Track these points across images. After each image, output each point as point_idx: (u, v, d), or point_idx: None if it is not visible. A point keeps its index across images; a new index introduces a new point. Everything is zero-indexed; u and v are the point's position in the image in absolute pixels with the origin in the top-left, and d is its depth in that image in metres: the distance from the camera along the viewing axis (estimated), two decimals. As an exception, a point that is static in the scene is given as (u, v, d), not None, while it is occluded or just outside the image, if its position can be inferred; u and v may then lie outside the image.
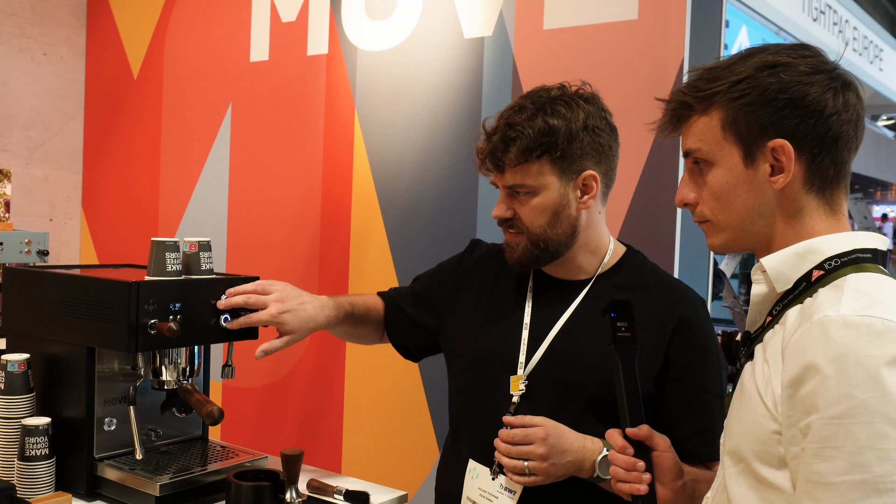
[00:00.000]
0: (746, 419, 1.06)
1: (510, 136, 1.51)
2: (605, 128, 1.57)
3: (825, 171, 1.10)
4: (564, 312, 1.59)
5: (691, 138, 1.17)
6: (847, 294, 0.99)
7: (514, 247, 1.59)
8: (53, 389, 1.79)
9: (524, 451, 1.43)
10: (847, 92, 1.10)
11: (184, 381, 1.77)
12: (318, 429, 2.85)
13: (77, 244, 3.59)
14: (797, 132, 1.08)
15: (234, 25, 3.09)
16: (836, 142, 1.09)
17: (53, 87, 3.48)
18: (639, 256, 1.67)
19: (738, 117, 1.11)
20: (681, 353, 1.53)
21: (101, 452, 1.76)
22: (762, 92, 1.09)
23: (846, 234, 1.10)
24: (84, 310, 1.69)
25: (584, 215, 1.57)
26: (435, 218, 2.59)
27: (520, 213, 1.56)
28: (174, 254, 1.72)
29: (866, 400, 0.92)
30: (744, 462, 1.07)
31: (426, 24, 2.61)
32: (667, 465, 1.33)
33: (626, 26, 2.24)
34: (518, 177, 1.53)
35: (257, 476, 1.70)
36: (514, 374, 1.58)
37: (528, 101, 1.55)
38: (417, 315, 1.82)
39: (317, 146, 2.87)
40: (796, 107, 1.08)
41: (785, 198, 1.11)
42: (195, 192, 3.20)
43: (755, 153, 1.11)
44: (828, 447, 0.94)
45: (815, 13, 3.36)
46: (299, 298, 1.73)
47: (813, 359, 0.96)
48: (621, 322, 1.34)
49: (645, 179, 2.19)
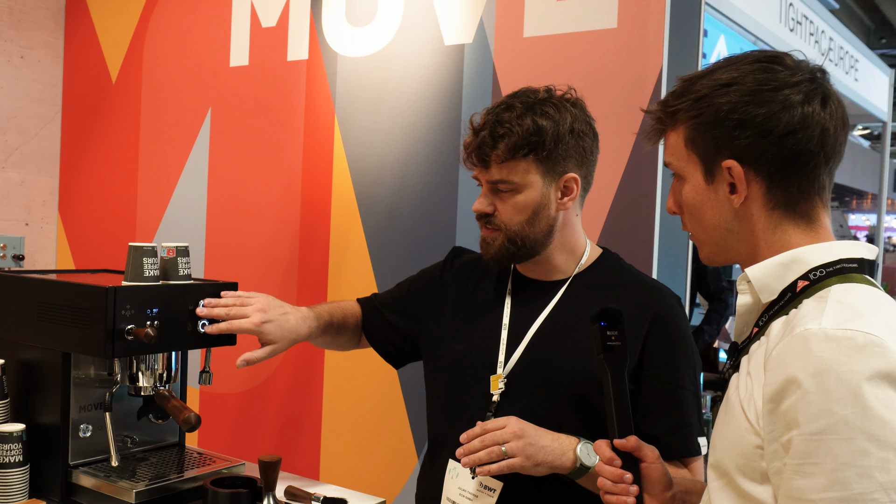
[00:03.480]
0: (729, 433, 1.05)
1: (499, 133, 1.53)
2: (589, 132, 1.60)
3: (788, 188, 1.09)
4: (542, 312, 1.61)
5: (667, 152, 1.18)
6: (830, 306, 0.98)
7: (490, 243, 1.61)
8: (28, 395, 1.77)
9: (497, 436, 1.41)
10: (806, 106, 1.07)
11: (161, 387, 1.76)
12: (297, 435, 2.84)
13: (53, 249, 3.55)
14: (749, 152, 1.08)
15: (213, 30, 3.07)
16: (796, 160, 1.07)
17: (30, 90, 3.45)
18: (614, 257, 1.69)
19: (696, 136, 1.12)
20: (656, 350, 1.55)
21: (77, 459, 1.74)
22: (715, 112, 1.09)
23: (832, 244, 1.08)
24: (60, 315, 1.68)
25: (561, 216, 1.60)
26: (414, 224, 2.59)
27: (500, 210, 1.58)
28: (152, 259, 1.70)
29: (847, 416, 0.90)
30: (727, 476, 1.05)
31: (406, 30, 2.61)
32: (656, 476, 1.30)
33: (605, 35, 2.25)
34: (503, 173, 1.55)
35: (235, 483, 1.69)
36: (493, 374, 1.59)
37: (516, 101, 1.57)
38: (398, 320, 1.83)
39: (296, 151, 2.87)
40: (746, 127, 1.07)
41: (749, 215, 1.10)
42: (173, 197, 3.18)
43: (714, 171, 1.11)
44: (808, 463, 0.93)
45: (791, 23, 3.40)
46: (281, 309, 1.73)
47: (794, 373, 0.94)
48: (611, 331, 1.33)
49: (624, 186, 2.21)
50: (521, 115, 1.54)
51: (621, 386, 1.30)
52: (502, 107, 1.57)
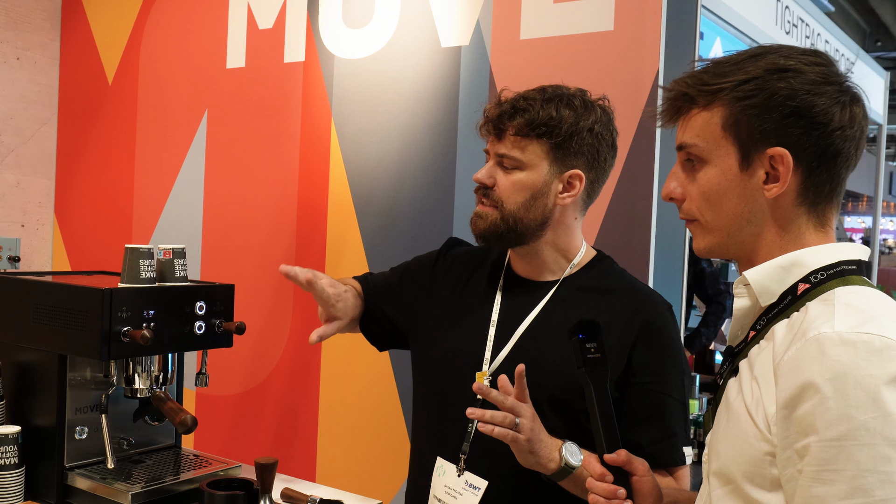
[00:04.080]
0: (736, 440, 1.03)
1: (521, 107, 1.55)
2: (608, 139, 1.61)
3: (821, 185, 1.07)
4: (531, 313, 1.60)
5: (689, 132, 1.12)
6: (839, 309, 0.97)
7: (483, 217, 1.59)
8: (24, 397, 1.77)
9: (518, 408, 1.37)
10: (854, 107, 1.06)
11: (157, 389, 1.76)
12: (293, 437, 2.83)
13: (49, 250, 3.54)
14: (799, 143, 1.04)
15: (210, 32, 3.07)
16: (837, 157, 1.06)
17: (27, 91, 3.44)
18: (607, 261, 1.68)
19: (740, 118, 1.06)
20: (644, 358, 1.53)
21: (73, 461, 1.74)
22: (770, 96, 1.04)
23: (830, 246, 1.07)
24: (56, 317, 1.68)
25: (558, 211, 1.59)
26: (411, 225, 2.59)
27: (500, 184, 1.58)
28: (148, 261, 1.70)
29: (867, 421, 0.89)
30: (733, 483, 1.03)
31: (403, 32, 2.61)
32: (647, 489, 1.28)
33: (601, 37, 2.25)
34: (514, 148, 1.56)
35: (231, 485, 1.68)
36: (479, 371, 1.59)
37: (549, 88, 1.60)
38: (389, 308, 1.81)
39: (293, 153, 2.86)
40: (802, 116, 1.04)
41: (776, 208, 1.07)
42: (170, 199, 3.18)
43: (752, 158, 1.07)
44: (828, 470, 0.91)
45: (787, 26, 3.41)
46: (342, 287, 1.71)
47: (810, 378, 0.93)
48: (590, 343, 1.30)
49: (621, 188, 2.21)
50: (548, 100, 1.56)
51: (605, 398, 1.28)
52: (534, 90, 1.59)
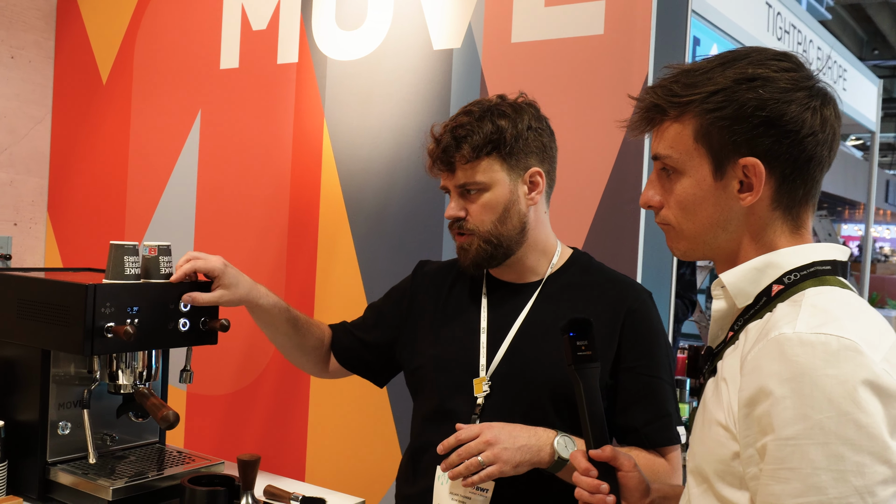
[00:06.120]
0: (707, 439, 1.05)
1: (460, 135, 1.58)
2: (546, 129, 1.66)
3: (795, 190, 1.08)
4: (520, 314, 1.63)
5: (662, 143, 1.12)
6: (804, 310, 0.98)
7: (467, 248, 1.63)
8: (7, 392, 1.77)
9: (472, 448, 1.44)
10: (825, 109, 1.07)
11: (140, 385, 1.76)
12: (283, 437, 2.83)
13: (42, 249, 3.54)
14: (771, 151, 1.05)
15: (204, 32, 3.08)
16: (809, 162, 1.06)
17: (21, 90, 3.45)
18: (585, 257, 1.72)
19: (711, 130, 1.07)
20: (631, 344, 1.59)
21: (55, 456, 1.74)
22: (739, 107, 1.05)
23: (805, 247, 1.08)
24: (40, 312, 1.68)
25: (532, 213, 1.63)
26: (402, 227, 2.60)
27: (471, 212, 1.61)
28: (133, 257, 1.71)
29: (822, 420, 0.90)
30: (706, 482, 1.05)
31: (396, 35, 2.62)
32: (632, 484, 1.29)
33: (592, 41, 2.26)
34: (470, 174, 1.59)
35: (213, 481, 1.69)
36: (476, 378, 1.61)
37: (473, 107, 1.63)
38: (371, 338, 1.83)
39: (285, 154, 2.87)
40: (773, 125, 1.04)
41: (751, 214, 1.08)
42: (163, 199, 3.18)
43: (725, 168, 1.07)
44: (783, 468, 0.92)
45: (779, 32, 3.42)
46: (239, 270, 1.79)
47: (768, 377, 0.94)
48: (581, 341, 1.32)
49: (609, 190, 2.22)
50: (480, 118, 1.59)
51: (594, 396, 1.30)
52: (460, 114, 1.63)
